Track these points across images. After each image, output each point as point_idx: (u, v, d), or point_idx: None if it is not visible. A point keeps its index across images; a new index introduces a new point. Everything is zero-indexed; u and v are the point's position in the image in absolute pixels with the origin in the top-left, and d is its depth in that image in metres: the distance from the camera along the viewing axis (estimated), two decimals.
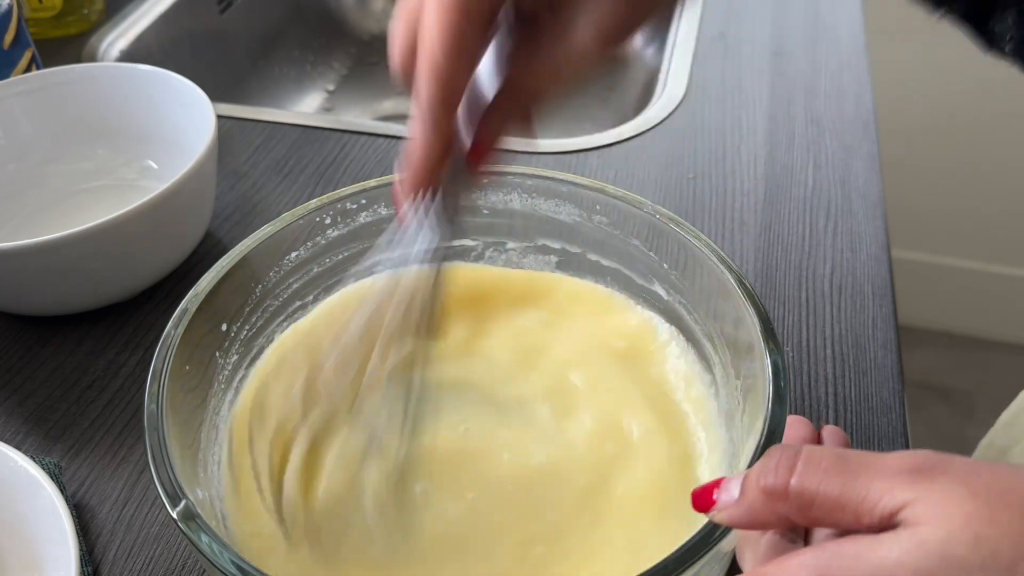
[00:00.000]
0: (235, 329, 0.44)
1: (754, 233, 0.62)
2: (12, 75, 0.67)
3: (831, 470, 0.27)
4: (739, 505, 0.29)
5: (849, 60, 0.80)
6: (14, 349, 0.56)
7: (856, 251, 0.61)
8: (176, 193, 0.54)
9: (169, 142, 0.63)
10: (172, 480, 0.34)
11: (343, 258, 0.48)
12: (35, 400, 0.53)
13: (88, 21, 0.85)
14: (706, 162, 0.69)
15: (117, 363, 0.55)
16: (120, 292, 0.57)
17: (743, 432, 0.38)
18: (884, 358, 0.54)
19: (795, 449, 0.28)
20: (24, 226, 0.63)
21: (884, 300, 0.57)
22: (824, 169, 0.68)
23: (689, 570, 0.30)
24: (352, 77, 1.07)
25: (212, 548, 0.32)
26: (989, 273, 1.59)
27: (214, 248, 0.62)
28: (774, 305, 0.57)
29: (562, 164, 0.69)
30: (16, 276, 0.53)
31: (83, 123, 0.65)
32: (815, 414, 0.51)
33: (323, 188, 0.67)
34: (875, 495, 0.26)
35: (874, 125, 0.72)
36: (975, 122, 1.43)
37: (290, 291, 0.46)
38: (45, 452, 0.50)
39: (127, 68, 0.65)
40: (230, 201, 0.66)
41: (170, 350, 0.38)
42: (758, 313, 0.38)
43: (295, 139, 0.72)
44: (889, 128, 0.85)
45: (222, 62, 0.96)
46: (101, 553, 0.45)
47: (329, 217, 0.46)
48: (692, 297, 0.44)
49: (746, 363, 0.39)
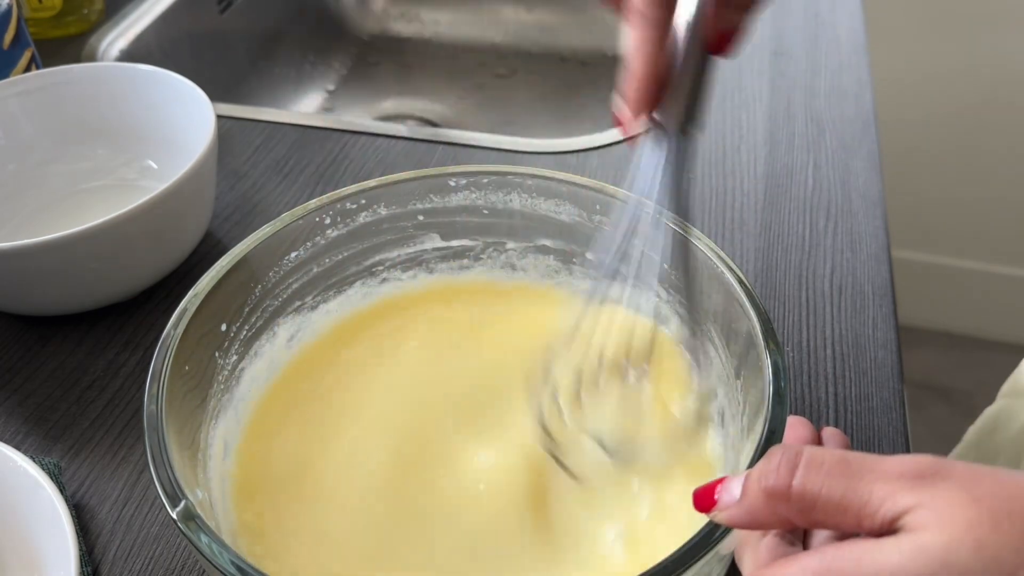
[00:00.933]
0: (235, 329, 0.44)
1: (754, 233, 0.62)
2: (12, 75, 0.67)
3: (833, 472, 0.27)
4: (740, 505, 0.29)
5: (849, 60, 0.80)
6: (14, 349, 0.56)
7: (856, 251, 0.61)
8: (176, 193, 0.54)
9: (169, 142, 0.63)
10: (172, 480, 0.34)
11: (343, 258, 0.48)
12: (35, 400, 0.53)
13: (88, 21, 0.85)
14: (706, 162, 0.69)
15: (117, 363, 0.55)
16: (120, 292, 0.57)
17: (743, 432, 0.38)
18: (884, 358, 0.54)
19: (796, 450, 0.28)
20: (24, 226, 0.63)
21: (884, 300, 0.57)
22: (824, 169, 0.68)
23: (689, 570, 0.30)
24: (352, 77, 1.07)
25: (212, 548, 0.32)
26: (989, 273, 1.59)
27: (214, 248, 0.62)
28: (774, 305, 0.57)
29: (562, 164, 0.69)
30: (16, 276, 0.53)
31: (83, 123, 0.65)
32: (815, 414, 0.51)
33: (323, 188, 0.67)
34: (877, 499, 0.26)
35: (874, 125, 0.72)
36: (975, 122, 1.43)
37: (290, 291, 0.46)
38: (45, 452, 0.50)
39: (127, 68, 0.65)
40: (230, 201, 0.66)
41: (170, 350, 0.38)
42: (758, 313, 0.38)
43: (295, 139, 0.72)
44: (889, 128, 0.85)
45: (222, 62, 0.96)
46: (101, 553, 0.45)
47: (329, 217, 0.46)
48: (692, 297, 0.44)
49: (746, 363, 0.39)
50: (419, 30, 1.10)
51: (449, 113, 1.02)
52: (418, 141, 0.72)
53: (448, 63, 1.06)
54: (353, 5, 1.10)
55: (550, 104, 1.01)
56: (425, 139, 0.72)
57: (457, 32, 1.08)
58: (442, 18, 1.09)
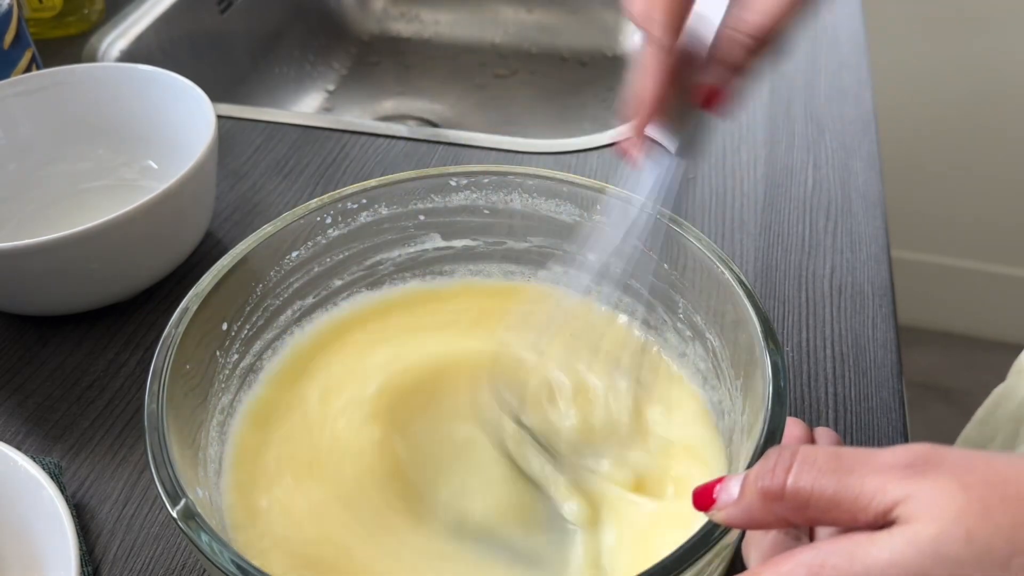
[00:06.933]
0: (236, 328, 0.44)
1: (754, 233, 0.62)
2: (12, 75, 0.67)
3: (825, 469, 0.27)
4: (738, 505, 0.29)
5: (849, 60, 0.80)
6: (14, 349, 0.56)
7: (856, 251, 0.61)
8: (176, 193, 0.54)
9: (169, 142, 0.63)
10: (172, 479, 0.34)
11: (344, 258, 0.48)
12: (35, 400, 0.53)
13: (88, 21, 0.85)
14: (706, 162, 0.69)
15: (117, 363, 0.55)
16: (120, 292, 0.57)
17: (743, 432, 0.38)
18: (884, 358, 0.54)
19: (792, 450, 0.28)
20: (24, 226, 0.63)
21: (884, 300, 0.57)
22: (824, 169, 0.68)
23: (690, 569, 0.30)
24: (352, 77, 1.07)
25: (212, 547, 0.32)
26: (989, 273, 1.59)
27: (214, 248, 0.62)
28: (774, 305, 0.57)
29: (562, 164, 0.69)
30: (16, 276, 0.53)
31: (83, 123, 0.65)
32: (815, 414, 0.51)
33: (323, 188, 0.67)
34: (869, 492, 0.26)
35: (874, 125, 0.72)
36: (975, 122, 1.43)
37: (291, 291, 0.47)
38: (45, 452, 0.50)
39: (127, 68, 0.65)
40: (230, 201, 0.66)
41: (171, 349, 0.38)
42: (758, 313, 0.38)
43: (295, 139, 0.72)
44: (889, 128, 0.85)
45: (222, 62, 0.96)
46: (101, 553, 0.45)
47: (330, 217, 0.46)
48: (692, 297, 0.44)
49: (746, 363, 0.39)
50: (419, 30, 1.10)
51: (449, 113, 1.02)
52: (418, 141, 0.72)
53: (448, 63, 1.06)
54: (353, 5, 1.10)
55: (550, 104, 1.01)
56: (425, 139, 0.72)
57: (457, 32, 1.08)
58: (442, 18, 1.09)
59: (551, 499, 0.40)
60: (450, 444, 0.43)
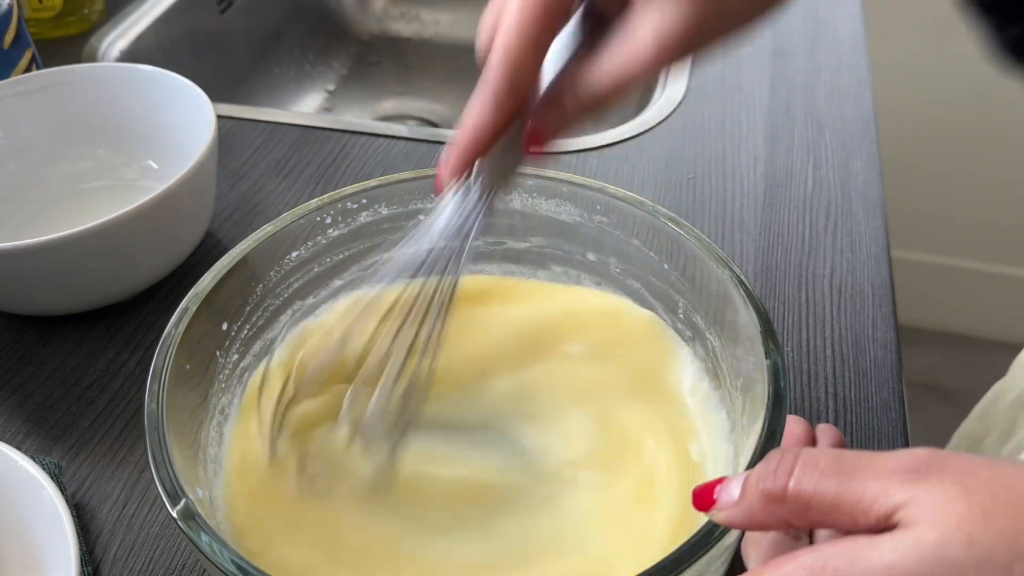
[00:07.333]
0: (236, 328, 0.44)
1: (754, 233, 0.62)
2: (12, 75, 0.67)
3: (827, 472, 0.27)
4: (738, 506, 0.29)
5: (849, 60, 0.80)
6: (14, 349, 0.56)
7: (856, 251, 0.61)
8: (176, 193, 0.54)
9: (169, 142, 0.63)
10: (172, 479, 0.34)
11: (344, 258, 0.48)
12: (35, 400, 0.53)
13: (88, 21, 0.85)
14: (706, 163, 0.69)
15: (117, 363, 0.55)
16: (120, 292, 0.57)
17: (743, 432, 0.38)
18: (884, 358, 0.54)
19: (795, 452, 0.28)
20: (24, 226, 0.63)
21: (884, 300, 0.58)
22: (824, 169, 0.68)
23: (689, 569, 0.30)
24: (352, 77, 1.07)
25: (212, 547, 0.32)
26: (989, 273, 1.59)
27: (214, 248, 0.62)
28: (774, 305, 0.57)
29: (562, 164, 0.69)
30: (16, 276, 0.53)
31: (83, 123, 0.65)
32: (815, 414, 0.51)
33: (323, 188, 0.67)
34: (871, 496, 0.26)
35: (874, 125, 0.72)
36: (975, 122, 1.43)
37: (291, 290, 0.47)
38: (45, 452, 0.50)
39: (127, 68, 0.65)
40: (230, 201, 0.66)
41: (171, 349, 0.38)
42: (758, 313, 0.38)
43: (295, 139, 0.72)
44: (889, 128, 0.85)
45: (222, 62, 0.96)
46: (101, 553, 0.45)
47: (330, 217, 0.46)
48: (692, 297, 0.44)
49: (746, 363, 0.39)
50: (419, 30, 1.10)
51: (449, 113, 1.02)
52: (418, 141, 0.72)
53: (448, 63, 1.06)
54: (353, 5, 1.10)
55: None
56: (425, 139, 0.72)
57: (457, 32, 1.08)
58: (442, 18, 1.09)
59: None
60: (444, 437, 0.43)
